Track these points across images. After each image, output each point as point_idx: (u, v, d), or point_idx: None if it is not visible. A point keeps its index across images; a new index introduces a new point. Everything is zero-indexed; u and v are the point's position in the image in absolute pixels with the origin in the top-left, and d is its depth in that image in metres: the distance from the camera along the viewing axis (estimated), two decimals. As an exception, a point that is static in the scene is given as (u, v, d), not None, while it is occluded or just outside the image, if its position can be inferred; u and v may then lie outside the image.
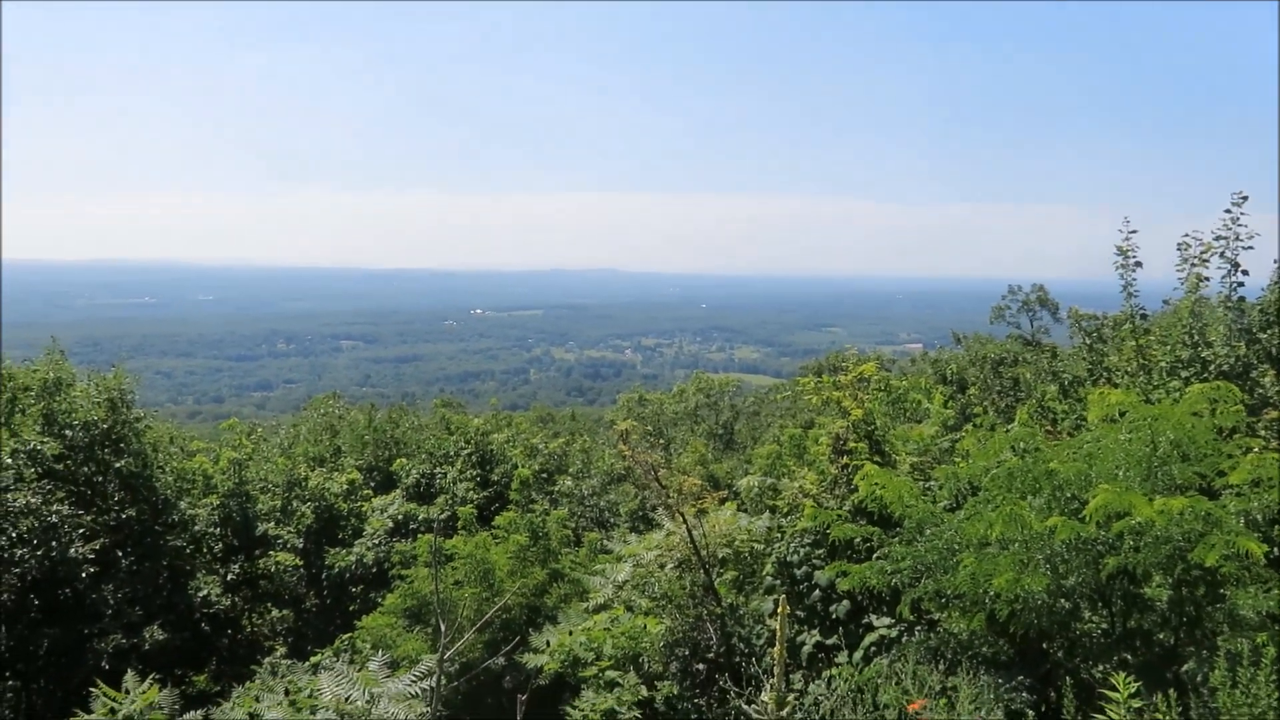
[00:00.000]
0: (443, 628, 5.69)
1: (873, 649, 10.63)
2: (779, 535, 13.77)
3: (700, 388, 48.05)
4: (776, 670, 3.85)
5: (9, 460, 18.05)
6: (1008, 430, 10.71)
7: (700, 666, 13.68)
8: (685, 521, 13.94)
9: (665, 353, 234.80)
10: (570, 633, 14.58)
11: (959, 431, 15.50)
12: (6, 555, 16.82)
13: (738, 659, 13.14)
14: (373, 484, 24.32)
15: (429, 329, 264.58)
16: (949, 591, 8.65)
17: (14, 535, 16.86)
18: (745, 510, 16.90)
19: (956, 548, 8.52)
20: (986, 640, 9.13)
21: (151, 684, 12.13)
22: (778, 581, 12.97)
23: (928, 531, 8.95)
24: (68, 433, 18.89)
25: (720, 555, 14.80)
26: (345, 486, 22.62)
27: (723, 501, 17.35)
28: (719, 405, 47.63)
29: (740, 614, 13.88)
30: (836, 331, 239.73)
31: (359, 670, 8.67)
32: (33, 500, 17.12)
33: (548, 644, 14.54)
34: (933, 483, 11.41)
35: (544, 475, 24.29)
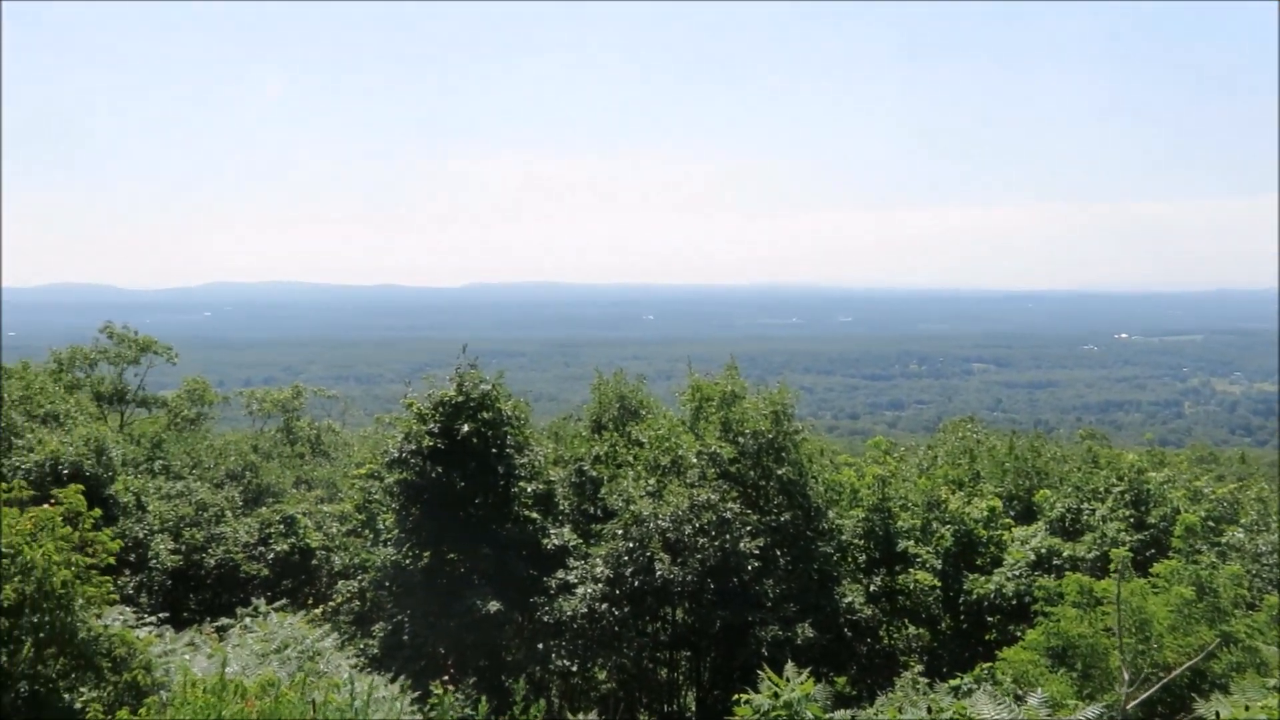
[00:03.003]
0: (1125, 677, 5.36)
1: None
2: None
3: None
4: None
5: (694, 460, 21.00)
6: None
7: None
8: None
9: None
10: (1246, 708, 12.78)
11: None
12: (690, 542, 19.59)
13: None
14: (1012, 513, 23.75)
15: (1066, 353, 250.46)
16: None
17: (697, 525, 19.57)
18: None
19: None
20: None
21: (808, 677, 13.22)
22: None
23: None
24: (740, 439, 21.41)
25: None
26: (985, 513, 22.42)
27: None
28: None
29: None
30: None
31: (1012, 703, 8.54)
32: (712, 497, 19.73)
33: (1217, 715, 12.91)
34: None
35: (1210, 523, 21.59)
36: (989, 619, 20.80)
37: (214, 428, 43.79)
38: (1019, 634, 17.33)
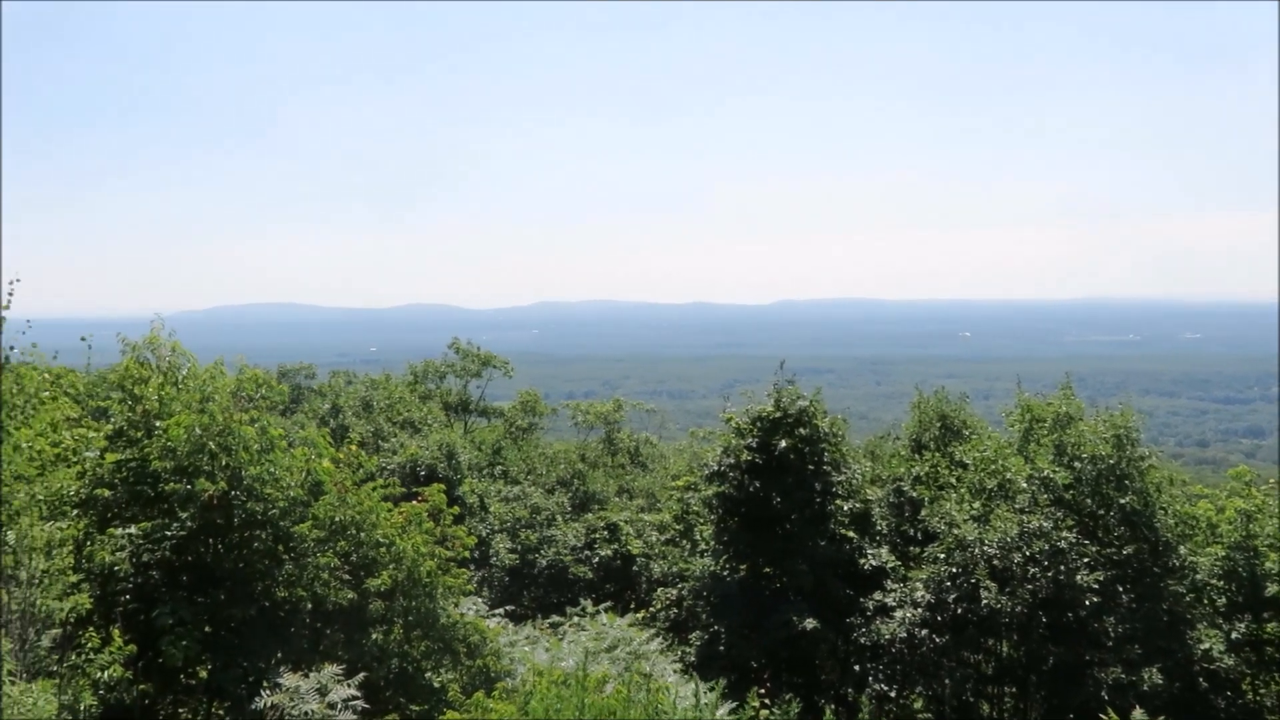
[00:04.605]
0: None
1: None
2: None
3: None
4: None
5: (1024, 485, 19.83)
6: None
7: None
8: None
9: None
10: None
11: None
12: (1020, 572, 18.49)
13: None
14: None
15: None
16: None
17: (1027, 554, 18.44)
18: None
19: None
20: None
21: (1161, 728, 12.06)
22: None
23: None
24: (1076, 464, 19.95)
25: None
26: (1379, 558, 19.40)
27: None
28: None
29: None
30: None
31: None
32: (1045, 524, 18.52)
33: None
34: None
35: None
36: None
37: (543, 437, 46.93)
38: None
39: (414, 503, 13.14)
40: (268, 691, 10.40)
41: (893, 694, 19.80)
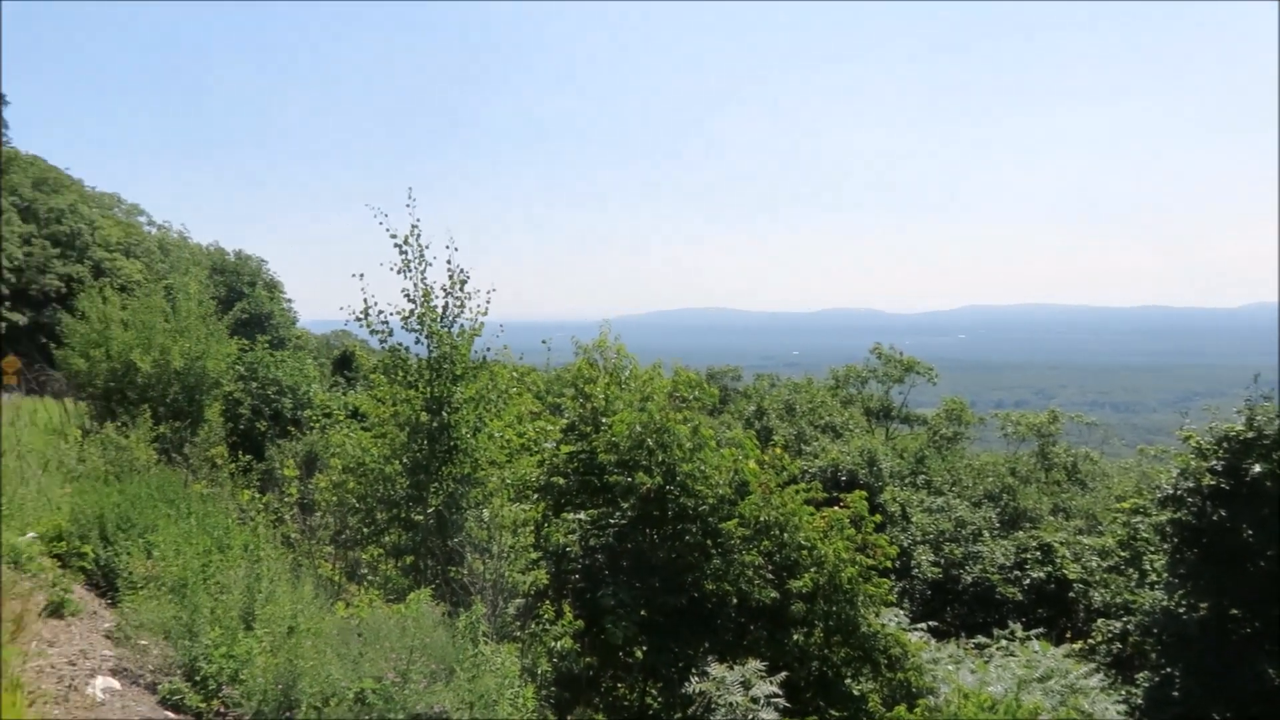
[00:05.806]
0: None
1: None
2: None
3: None
4: None
5: None
6: None
7: None
8: None
9: None
10: None
11: None
12: None
13: None
14: None
15: None
16: None
17: None
18: None
19: None
20: None
21: None
22: None
23: None
24: None
25: None
26: None
27: None
28: None
29: None
30: None
31: None
32: None
33: None
34: None
35: None
36: None
37: (969, 447, 44.92)
38: None
39: (836, 508, 13.16)
40: (696, 678, 10.92)
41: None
